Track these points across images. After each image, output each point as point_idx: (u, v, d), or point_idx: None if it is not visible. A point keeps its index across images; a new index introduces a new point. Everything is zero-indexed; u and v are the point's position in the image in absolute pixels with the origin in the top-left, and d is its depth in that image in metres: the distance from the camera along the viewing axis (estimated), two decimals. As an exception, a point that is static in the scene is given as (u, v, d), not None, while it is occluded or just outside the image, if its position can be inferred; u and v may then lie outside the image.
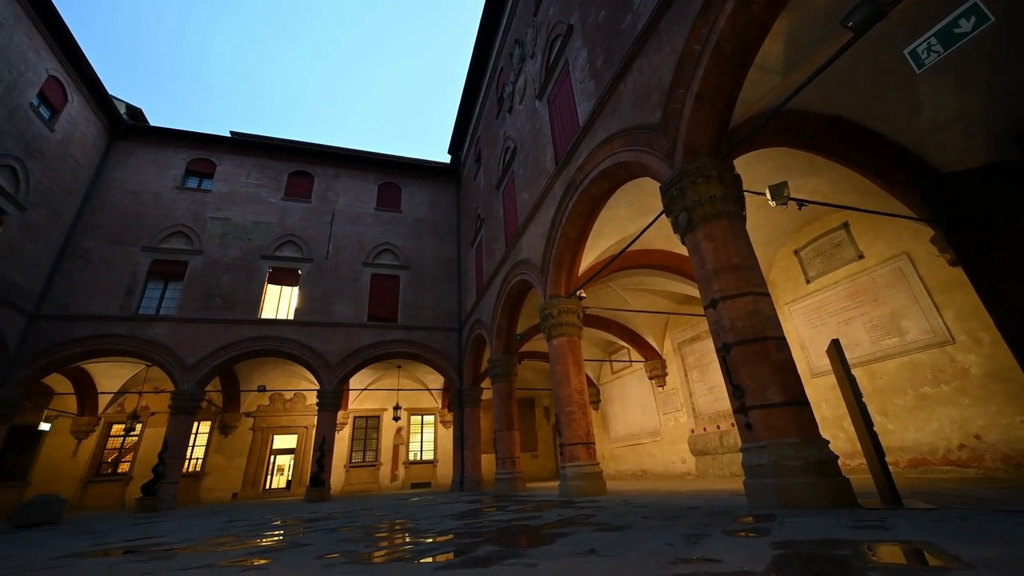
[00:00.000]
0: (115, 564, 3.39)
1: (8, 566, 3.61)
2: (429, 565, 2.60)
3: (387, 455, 18.18)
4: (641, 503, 5.15)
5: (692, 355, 12.23)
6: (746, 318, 4.14)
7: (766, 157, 6.63)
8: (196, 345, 13.28)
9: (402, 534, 4.14)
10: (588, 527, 3.52)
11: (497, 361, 11.43)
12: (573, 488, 6.95)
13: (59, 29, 12.77)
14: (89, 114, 14.48)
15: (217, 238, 14.96)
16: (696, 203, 4.64)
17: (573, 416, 7.46)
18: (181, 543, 4.47)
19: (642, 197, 7.42)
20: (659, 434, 13.34)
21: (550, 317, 8.14)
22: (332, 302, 15.09)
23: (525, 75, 10.83)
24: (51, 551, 4.44)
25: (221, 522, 6.79)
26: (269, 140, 17.47)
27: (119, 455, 15.86)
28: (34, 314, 12.40)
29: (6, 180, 11.59)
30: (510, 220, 11.21)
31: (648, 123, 5.55)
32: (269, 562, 3.06)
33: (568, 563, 2.29)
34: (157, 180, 15.31)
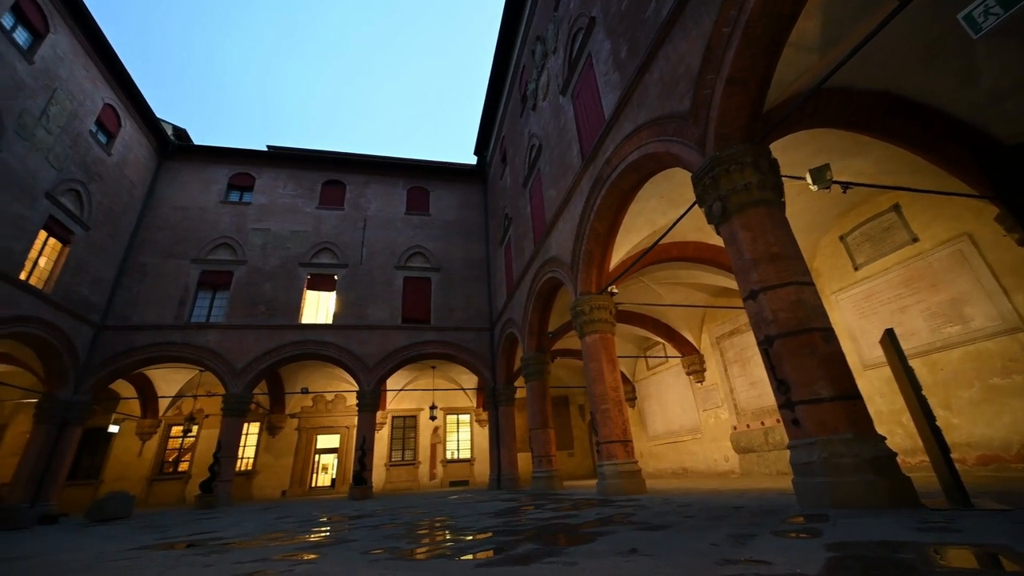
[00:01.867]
0: (180, 557, 3.63)
1: (88, 556, 3.93)
2: (470, 562, 2.63)
3: (425, 454, 18.55)
4: (683, 502, 5.02)
5: (732, 349, 11.81)
6: (789, 309, 3.96)
7: (805, 140, 6.30)
8: (243, 350, 14.00)
9: (442, 531, 4.22)
10: (628, 526, 3.46)
11: (530, 359, 11.43)
12: (611, 486, 6.86)
13: (112, 60, 13.75)
14: (140, 137, 15.52)
15: (258, 248, 15.71)
16: (730, 192, 4.47)
17: (609, 414, 7.36)
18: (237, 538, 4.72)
19: (673, 188, 7.22)
20: (699, 431, 12.97)
21: (582, 314, 8.07)
22: (367, 305, 15.53)
23: (548, 71, 10.76)
24: (123, 544, 4.81)
25: (272, 518, 7.13)
26: (303, 152, 18.17)
27: (178, 455, 16.95)
28: (100, 325, 13.43)
29: (72, 203, 12.61)
30: (538, 218, 11.17)
31: (677, 112, 5.40)
32: (317, 557, 3.19)
33: (609, 562, 2.26)
34: (203, 196, 16.24)
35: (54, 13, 11.89)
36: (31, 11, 11.25)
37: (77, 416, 12.50)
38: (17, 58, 10.87)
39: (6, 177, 10.62)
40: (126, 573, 3.01)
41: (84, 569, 3.30)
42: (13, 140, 10.78)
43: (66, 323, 12.27)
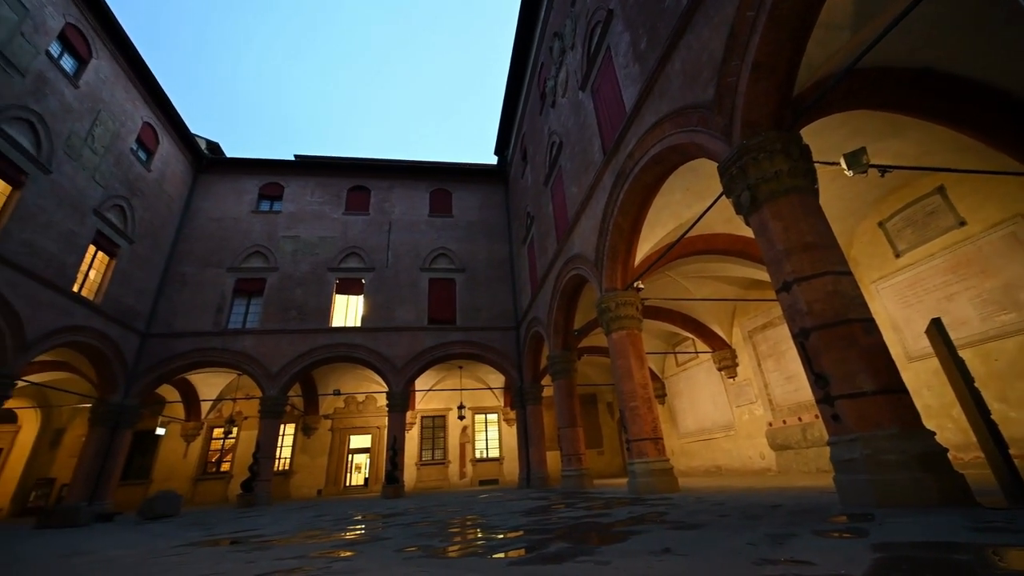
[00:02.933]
0: (225, 554, 3.79)
1: (141, 553, 4.17)
2: (502, 560, 2.65)
3: (454, 453, 18.76)
4: (717, 500, 4.90)
5: (765, 343, 11.43)
6: (825, 300, 3.80)
7: (838, 123, 6.03)
8: (277, 354, 14.51)
9: (474, 529, 4.26)
10: (661, 525, 3.41)
11: (556, 358, 11.39)
12: (642, 485, 6.76)
13: (149, 81, 14.49)
14: (177, 153, 16.30)
15: (289, 255, 16.24)
16: (759, 180, 4.33)
17: (638, 411, 7.25)
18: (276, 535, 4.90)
19: (699, 180, 7.04)
20: (732, 428, 12.62)
21: (608, 311, 7.97)
22: (394, 308, 15.82)
23: (566, 68, 10.68)
24: (172, 541, 5.06)
25: (309, 516, 7.37)
26: (328, 159, 18.66)
27: (220, 456, 17.72)
28: (145, 333, 14.19)
29: (117, 218, 13.36)
30: (560, 215, 11.11)
31: (700, 101, 5.26)
32: (354, 554, 3.27)
33: (642, 561, 2.23)
34: (236, 206, 16.90)
35: (96, 39, 12.62)
36: (75, 38, 11.97)
37: (128, 419, 13.25)
38: (65, 83, 11.59)
39: (58, 196, 11.35)
40: (177, 569, 3.17)
41: (138, 564, 3.49)
42: (63, 161, 11.51)
43: (115, 331, 13.02)
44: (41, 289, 10.80)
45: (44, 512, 9.04)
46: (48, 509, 9.07)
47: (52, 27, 11.18)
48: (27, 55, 10.47)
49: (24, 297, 10.34)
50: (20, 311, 10.21)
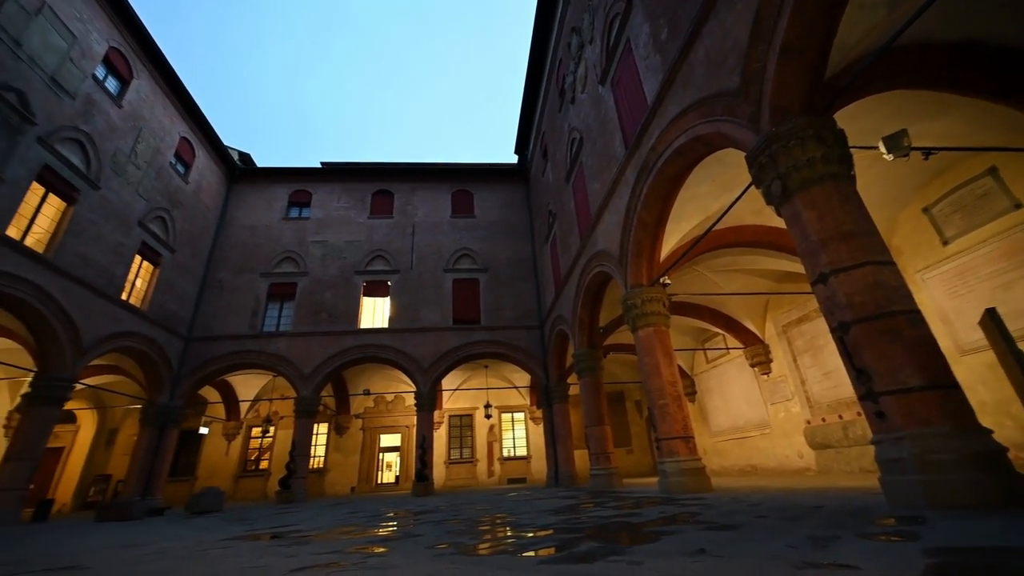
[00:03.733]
0: (266, 547, 3.95)
1: (191, 545, 4.39)
2: (532, 559, 2.65)
3: (482, 452, 18.90)
4: (754, 501, 4.75)
5: (800, 338, 11.01)
6: (866, 292, 3.62)
7: (875, 105, 5.74)
8: (309, 356, 14.98)
9: (503, 528, 4.28)
10: (695, 525, 3.33)
11: (581, 356, 11.30)
12: (674, 484, 6.63)
13: (184, 97, 15.20)
14: (212, 165, 17.04)
15: (318, 259, 16.73)
16: (791, 169, 4.16)
17: (668, 409, 7.11)
18: (313, 530, 5.06)
19: (725, 171, 6.84)
20: (768, 426, 12.21)
21: (633, 307, 7.85)
22: (420, 309, 16.07)
23: (585, 62, 10.57)
24: (217, 534, 5.31)
25: (344, 513, 7.58)
26: (352, 165, 19.11)
27: (259, 454, 18.46)
28: (188, 337, 14.91)
29: (160, 228, 14.09)
30: (582, 212, 11.01)
31: (725, 89, 5.10)
32: (387, 550, 3.35)
33: (676, 563, 2.19)
34: (267, 214, 17.54)
35: (136, 60, 13.32)
36: (118, 61, 12.68)
37: (174, 419, 13.97)
38: (109, 104, 12.30)
39: (107, 210, 12.07)
40: (224, 560, 3.32)
41: (188, 556, 3.68)
42: (110, 177, 12.22)
43: (160, 336, 13.75)
44: (94, 298, 11.51)
45: (103, 506, 9.64)
46: (106, 504, 9.68)
47: (97, 51, 11.87)
48: (76, 79, 11.16)
49: (79, 306, 11.05)
50: (76, 319, 10.92)
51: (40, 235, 10.48)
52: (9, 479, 9.57)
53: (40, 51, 10.20)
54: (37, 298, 10.02)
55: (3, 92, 9.29)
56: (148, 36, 13.32)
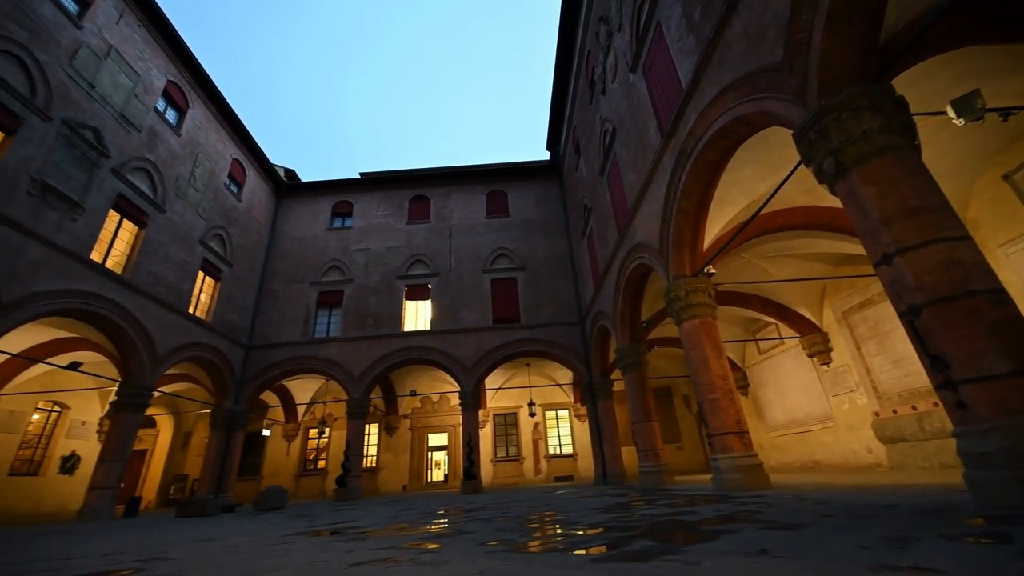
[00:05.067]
0: (327, 543, 4.15)
1: (259, 540, 4.69)
2: (583, 557, 2.63)
3: (528, 450, 18.96)
4: (818, 498, 4.48)
5: (863, 324, 10.24)
6: (938, 271, 3.31)
7: (940, 66, 5.22)
8: (358, 359, 15.61)
9: (552, 525, 4.27)
10: (755, 524, 3.18)
11: (625, 351, 11.07)
12: (729, 481, 6.36)
13: (234, 121, 16.25)
14: (261, 183, 18.12)
15: (362, 267, 17.39)
16: (845, 143, 3.87)
17: (719, 404, 6.83)
18: (370, 527, 5.27)
19: (770, 151, 6.47)
20: (831, 419, 11.45)
21: (677, 299, 7.60)
22: (460, 310, 16.33)
23: (614, 51, 10.33)
24: (283, 530, 5.65)
25: (397, 510, 7.84)
26: (389, 174, 19.70)
27: (316, 454, 19.45)
28: (248, 345, 15.95)
29: (219, 246, 15.15)
30: (619, 204, 10.78)
31: (767, 65, 4.82)
32: (440, 547, 3.43)
33: (736, 563, 2.10)
34: (313, 225, 18.44)
35: (190, 91, 14.39)
36: (175, 92, 13.74)
37: (239, 423, 14.98)
38: (170, 134, 13.36)
39: (172, 231, 13.12)
40: (290, 555, 3.53)
41: (258, 550, 3.94)
42: (174, 201, 13.28)
43: (224, 345, 14.79)
44: (165, 312, 12.55)
45: (182, 504, 10.51)
46: (185, 501, 10.55)
47: (157, 86, 12.92)
48: (141, 113, 12.20)
49: (154, 320, 12.09)
50: (152, 332, 11.95)
51: (117, 257, 11.55)
52: (103, 478, 10.64)
53: (110, 90, 11.23)
54: (118, 315, 11.05)
55: (82, 130, 10.31)
56: (200, 67, 14.34)
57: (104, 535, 6.40)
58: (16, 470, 13.37)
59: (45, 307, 9.34)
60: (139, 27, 12.32)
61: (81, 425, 15.42)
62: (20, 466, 13.53)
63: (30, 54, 9.26)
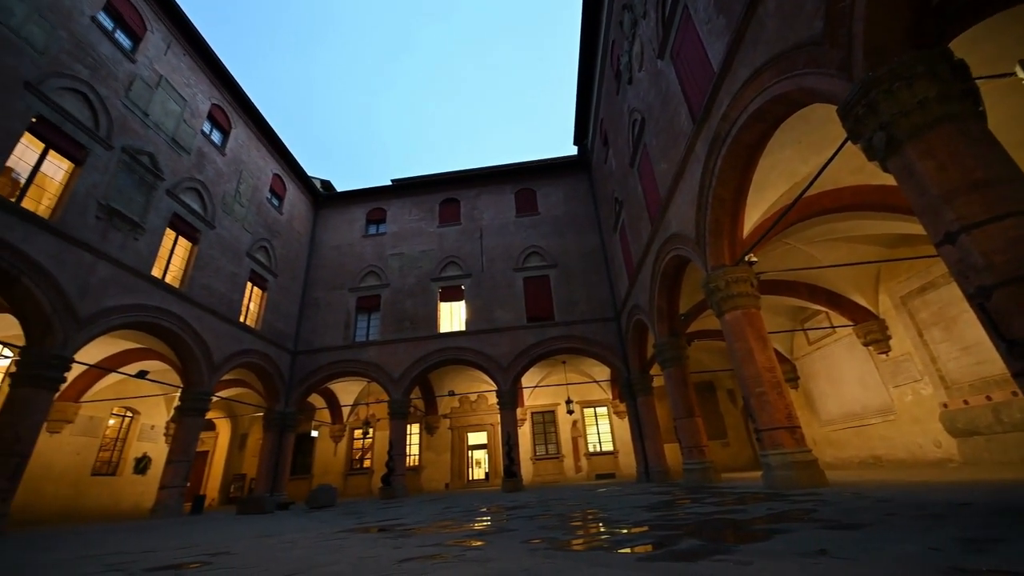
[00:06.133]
0: (376, 539, 4.29)
1: (313, 536, 4.92)
2: (629, 556, 2.58)
3: (567, 447, 18.85)
4: (881, 496, 4.20)
5: (925, 309, 9.51)
6: (1010, 248, 3.02)
7: (1004, 23, 4.75)
8: (397, 361, 16.03)
9: (596, 524, 4.23)
10: (810, 524, 3.03)
11: (663, 346, 10.79)
12: (780, 479, 6.08)
13: (273, 138, 17.05)
14: (300, 195, 18.93)
15: (397, 271, 17.84)
16: (897, 115, 3.60)
17: (766, 398, 6.54)
18: (415, 524, 5.41)
19: (812, 130, 6.12)
20: (892, 412, 10.72)
21: (717, 290, 7.33)
22: (494, 309, 16.45)
23: (640, 39, 10.08)
24: (334, 527, 5.88)
25: (440, 508, 7.99)
26: (419, 179, 20.11)
27: (362, 454, 20.14)
28: (294, 351, 16.71)
29: (264, 257, 15.95)
30: (651, 195, 10.52)
31: (805, 39, 4.56)
32: (484, 544, 3.47)
33: (792, 564, 2.00)
34: (349, 233, 19.10)
35: (233, 112, 15.22)
36: (219, 115, 14.58)
37: (290, 424, 15.74)
38: (216, 154, 14.19)
39: (222, 246, 13.94)
40: (342, 551, 3.68)
41: (313, 545, 4.13)
42: (222, 217, 14.10)
43: (272, 351, 15.56)
44: (219, 322, 13.36)
45: (242, 502, 11.16)
46: (244, 499, 11.19)
47: (203, 110, 13.76)
48: (189, 136, 13.03)
49: (209, 330, 12.89)
50: (208, 341, 12.75)
51: (175, 272, 12.39)
52: (171, 478, 11.46)
53: (162, 117, 12.06)
54: (178, 326, 11.86)
55: (139, 156, 11.13)
56: (240, 90, 15.15)
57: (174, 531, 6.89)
58: (97, 471, 14.63)
59: (115, 321, 10.15)
60: (184, 56, 13.16)
61: (150, 429, 16.67)
62: (100, 467, 14.79)
63: (92, 89, 10.08)
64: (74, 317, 9.17)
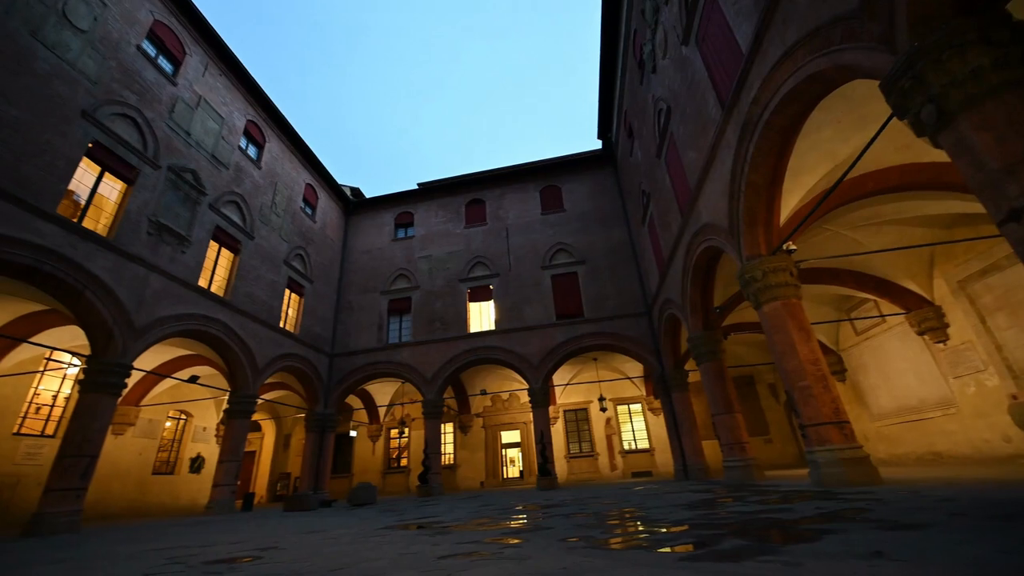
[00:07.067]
0: (415, 536, 4.38)
1: (355, 532, 5.07)
2: (670, 555, 2.53)
3: (601, 445, 18.65)
4: (943, 495, 3.93)
5: (988, 293, 8.83)
6: (1088, 223, 2.76)
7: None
8: (428, 362, 16.30)
9: (633, 522, 4.16)
10: (864, 524, 2.87)
11: (697, 340, 10.49)
12: (829, 476, 5.79)
13: (304, 150, 17.68)
14: (331, 203, 19.55)
15: (426, 273, 18.14)
16: (948, 86, 3.35)
17: (811, 392, 6.25)
18: (453, 522, 5.49)
19: (852, 108, 5.79)
20: (953, 404, 10.02)
21: (753, 281, 7.06)
22: (522, 308, 16.46)
23: (662, 26, 9.82)
24: (375, 524, 6.05)
25: (477, 506, 8.08)
26: (444, 181, 20.34)
27: (398, 452, 20.62)
28: (331, 354, 17.29)
29: (300, 264, 16.57)
30: (680, 186, 10.24)
31: (842, 13, 4.32)
32: (521, 542, 3.48)
33: (846, 566, 1.90)
34: (378, 238, 19.57)
35: (266, 127, 15.89)
36: (254, 130, 15.24)
37: (330, 425, 16.29)
38: (253, 168, 14.84)
39: (261, 255, 14.57)
40: (383, 547, 3.78)
41: (355, 541, 4.26)
42: (260, 227, 14.74)
43: (311, 355, 16.15)
44: (261, 328, 13.98)
45: (288, 499, 11.65)
46: (290, 497, 11.69)
47: (239, 126, 14.42)
48: (227, 152, 13.69)
49: (252, 335, 13.52)
50: (251, 346, 13.37)
51: (219, 282, 13.06)
52: (223, 477, 12.10)
53: (202, 135, 12.73)
54: (224, 332, 12.50)
55: (184, 173, 11.79)
56: (273, 105, 15.79)
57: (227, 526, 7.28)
58: (157, 469, 15.64)
59: (168, 329, 10.81)
60: (220, 75, 13.83)
61: (203, 430, 17.66)
62: (160, 466, 15.81)
63: (140, 113, 10.76)
64: (131, 327, 9.82)
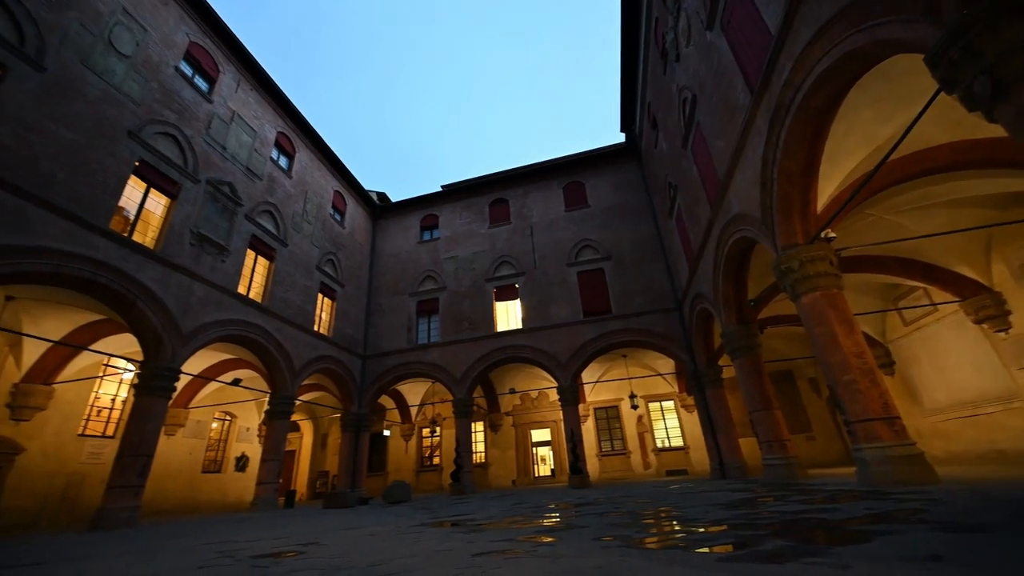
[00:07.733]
0: (449, 533, 4.44)
1: (391, 529, 5.19)
2: (708, 556, 2.46)
3: (633, 443, 18.36)
4: (1008, 496, 3.66)
5: (1053, 277, 8.15)
6: None
7: None
8: (458, 362, 16.48)
9: (669, 522, 4.07)
10: (920, 525, 2.71)
11: (731, 334, 10.16)
12: (879, 475, 5.49)
13: (332, 158, 18.19)
14: (359, 208, 20.04)
15: (452, 274, 18.34)
16: (1004, 55, 3.10)
17: (856, 386, 5.93)
18: (486, 520, 5.53)
19: (893, 86, 5.46)
20: (1017, 398, 9.31)
21: (791, 271, 6.77)
22: (549, 306, 16.39)
23: (684, 13, 9.55)
24: (410, 521, 6.17)
25: (509, 504, 8.11)
26: (467, 182, 20.50)
27: (431, 451, 20.95)
28: (363, 355, 17.73)
29: (331, 269, 17.08)
30: (708, 176, 9.94)
31: (880, -17, 4.07)
32: (555, 540, 3.47)
33: (899, 570, 1.80)
34: (405, 241, 19.93)
35: (296, 137, 16.44)
36: (284, 141, 15.81)
37: (364, 424, 16.73)
38: (284, 178, 15.39)
39: (295, 262, 15.10)
40: (418, 543, 3.85)
41: (392, 538, 4.35)
42: (292, 234, 15.28)
43: (344, 357, 16.63)
44: (297, 332, 14.50)
45: (327, 497, 12.04)
46: (328, 494, 12.08)
47: (270, 138, 14.99)
48: (260, 164, 14.25)
49: (289, 339, 14.04)
50: (288, 349, 13.89)
51: (256, 288, 13.62)
52: (266, 475, 12.62)
53: (236, 149, 13.30)
54: (263, 337, 13.04)
55: (221, 186, 12.36)
56: (301, 116, 16.32)
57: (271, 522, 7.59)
58: (206, 468, 16.47)
59: (212, 335, 11.37)
60: (252, 90, 14.41)
61: (246, 431, 18.48)
62: (208, 465, 16.64)
63: (180, 131, 11.34)
64: (179, 333, 10.38)
